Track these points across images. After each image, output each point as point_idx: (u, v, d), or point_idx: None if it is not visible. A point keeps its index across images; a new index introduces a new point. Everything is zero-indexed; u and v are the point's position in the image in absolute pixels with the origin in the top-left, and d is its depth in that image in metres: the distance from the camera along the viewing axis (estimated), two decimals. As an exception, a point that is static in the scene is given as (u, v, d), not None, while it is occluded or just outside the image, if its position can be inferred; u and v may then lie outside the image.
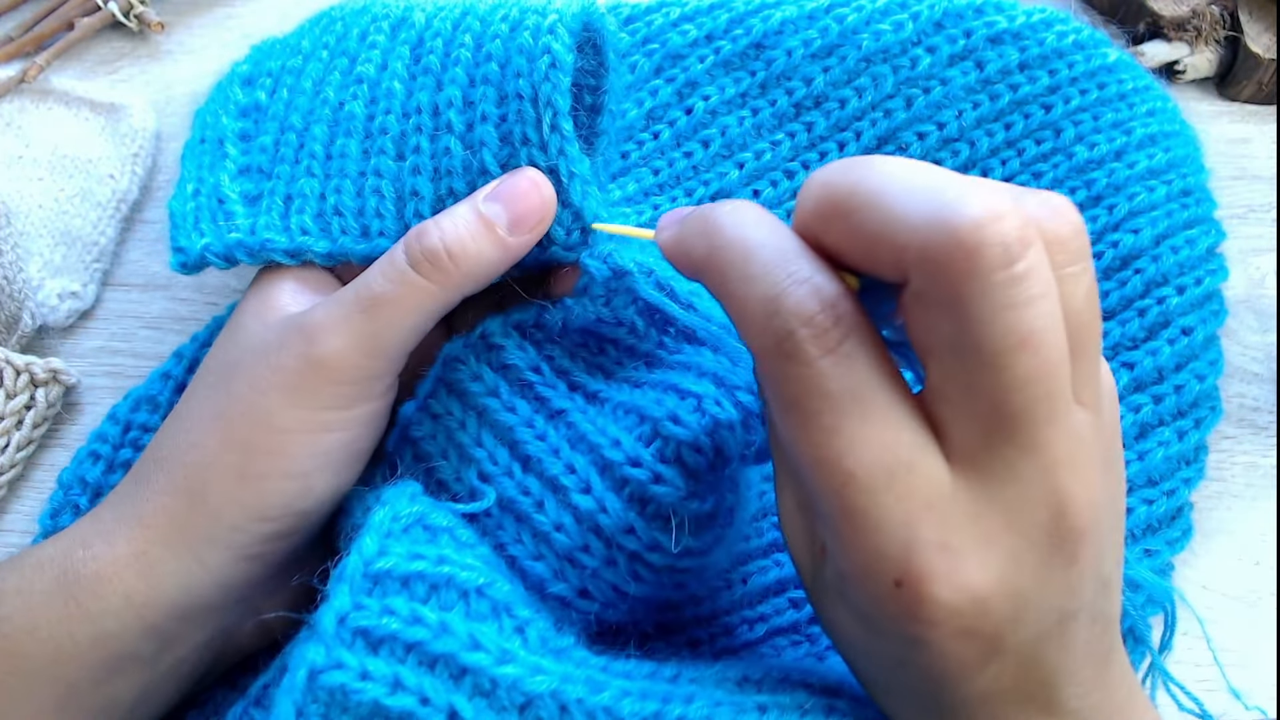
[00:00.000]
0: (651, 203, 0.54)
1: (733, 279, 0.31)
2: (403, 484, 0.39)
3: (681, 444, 0.40)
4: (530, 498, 0.41)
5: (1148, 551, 0.50)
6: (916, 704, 0.34)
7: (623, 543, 0.40)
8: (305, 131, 0.47)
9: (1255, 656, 0.51)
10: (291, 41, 0.51)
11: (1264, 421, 0.56)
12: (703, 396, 0.41)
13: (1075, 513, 0.29)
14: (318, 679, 0.32)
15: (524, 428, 0.42)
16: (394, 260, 0.40)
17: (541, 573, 0.41)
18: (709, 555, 0.42)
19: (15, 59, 0.61)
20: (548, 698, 0.34)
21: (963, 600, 0.29)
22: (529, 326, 0.44)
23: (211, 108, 0.51)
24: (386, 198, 0.45)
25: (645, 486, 0.40)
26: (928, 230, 0.27)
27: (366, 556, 0.35)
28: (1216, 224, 0.54)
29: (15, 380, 0.51)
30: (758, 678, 0.39)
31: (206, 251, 0.46)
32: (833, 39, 0.53)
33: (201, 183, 0.48)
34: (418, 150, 0.44)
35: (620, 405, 0.42)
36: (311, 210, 0.46)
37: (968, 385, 0.28)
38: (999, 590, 0.29)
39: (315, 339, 0.39)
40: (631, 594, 0.41)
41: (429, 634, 0.33)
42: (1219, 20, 0.61)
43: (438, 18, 0.46)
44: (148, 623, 0.38)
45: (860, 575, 0.30)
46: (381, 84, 0.46)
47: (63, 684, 0.38)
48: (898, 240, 0.28)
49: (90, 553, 0.39)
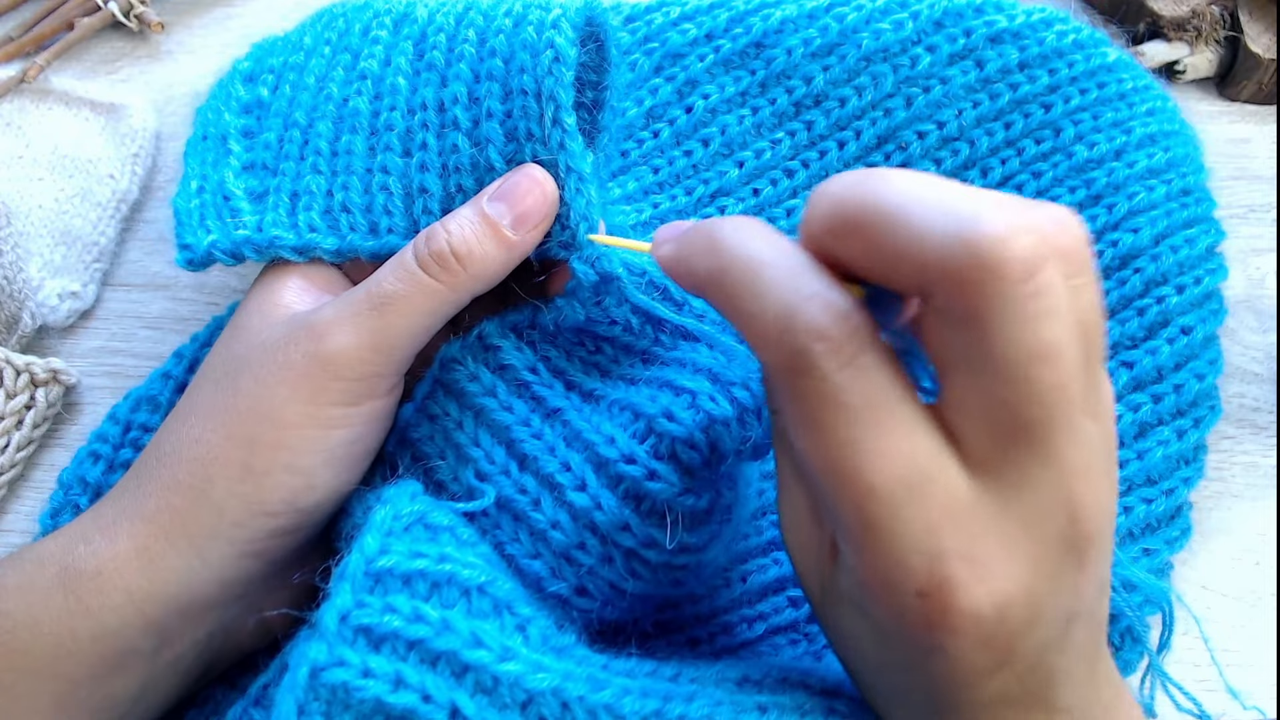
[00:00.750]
0: (651, 201, 0.54)
1: (742, 296, 0.30)
2: (403, 483, 0.39)
3: (676, 440, 0.40)
4: (527, 496, 0.42)
5: (1146, 551, 0.50)
6: (916, 710, 0.34)
7: (619, 540, 0.40)
8: (310, 128, 0.47)
9: (1255, 656, 0.51)
10: (293, 38, 0.51)
11: (1264, 421, 0.56)
12: (697, 393, 0.41)
13: (1087, 519, 0.29)
14: (319, 677, 0.32)
15: (520, 426, 0.42)
16: (404, 261, 0.41)
17: (539, 571, 0.41)
18: (706, 552, 0.42)
19: (15, 59, 0.61)
20: (549, 695, 0.34)
21: (986, 609, 0.29)
22: (524, 327, 0.44)
23: (213, 104, 0.50)
24: (394, 194, 0.45)
25: (640, 483, 0.40)
26: (949, 247, 0.27)
27: (368, 554, 0.35)
28: (1216, 223, 0.54)
29: (15, 380, 0.51)
30: (758, 677, 0.39)
31: (213, 248, 0.46)
32: (833, 38, 0.53)
33: (205, 180, 0.48)
34: (424, 147, 0.44)
35: (615, 403, 0.43)
36: (319, 207, 0.46)
37: (987, 397, 0.28)
38: (1019, 598, 0.29)
39: (324, 335, 0.40)
40: (630, 592, 0.41)
41: (431, 631, 0.33)
42: (1219, 20, 0.61)
43: (440, 13, 0.46)
44: (148, 618, 0.39)
45: (881, 586, 0.30)
46: (385, 80, 0.46)
47: (63, 681, 0.38)
48: (919, 258, 0.28)
49: (91, 548, 0.39)
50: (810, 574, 0.35)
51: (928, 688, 0.32)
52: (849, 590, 0.32)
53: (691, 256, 0.33)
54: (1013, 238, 0.27)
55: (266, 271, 0.46)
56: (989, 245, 0.27)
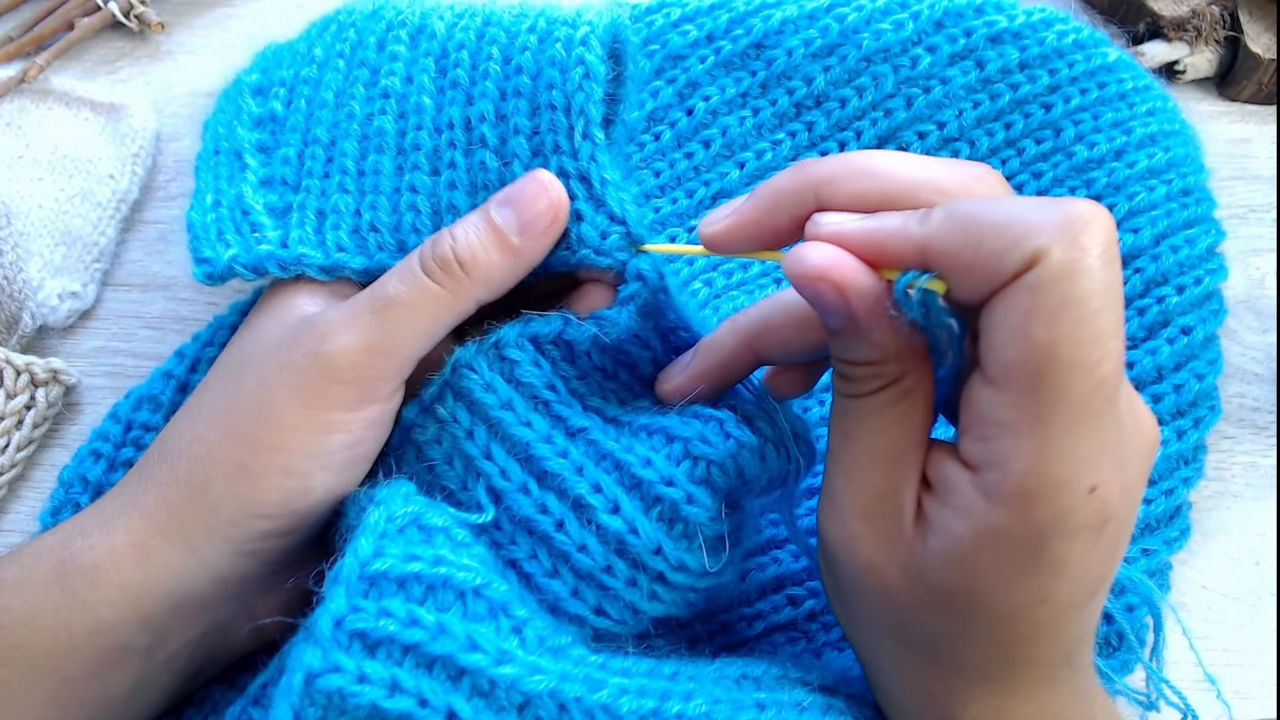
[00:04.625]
0: (653, 205, 0.54)
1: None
2: (396, 483, 0.39)
3: (711, 464, 0.40)
4: (549, 516, 0.41)
5: (1145, 551, 0.50)
6: (957, 679, 0.36)
7: (649, 563, 0.40)
8: (332, 146, 0.47)
9: (1255, 656, 0.51)
10: (300, 49, 0.51)
11: (1264, 421, 0.56)
12: (724, 420, 0.41)
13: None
14: (315, 683, 0.32)
15: (542, 443, 0.42)
16: (409, 265, 0.41)
17: (558, 591, 0.41)
18: (723, 575, 0.42)
19: (15, 59, 0.61)
20: (546, 697, 0.34)
21: (1125, 517, 0.33)
22: (547, 341, 0.43)
23: (223, 118, 0.50)
24: (423, 213, 0.45)
25: (679, 506, 0.40)
26: (1053, 213, 0.30)
27: (362, 558, 0.34)
28: (1216, 223, 0.54)
29: (15, 380, 0.51)
30: (756, 675, 0.39)
31: (234, 263, 0.46)
32: (833, 38, 0.53)
33: (221, 194, 0.48)
34: (453, 165, 0.44)
35: (644, 427, 0.42)
36: (347, 226, 0.46)
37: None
38: (1130, 520, 0.33)
39: (326, 336, 0.40)
40: (647, 613, 0.41)
41: (426, 635, 0.33)
42: (1219, 20, 0.61)
43: (458, 27, 0.46)
44: (143, 614, 0.39)
45: (1055, 487, 0.31)
46: (410, 98, 0.46)
47: (59, 676, 0.38)
48: (1029, 228, 0.30)
49: (89, 542, 0.39)
50: (875, 557, 0.35)
51: (1007, 635, 0.34)
52: (945, 545, 0.33)
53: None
54: (1099, 210, 0.30)
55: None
56: (1087, 214, 0.30)
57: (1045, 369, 0.29)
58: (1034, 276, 0.29)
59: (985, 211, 0.31)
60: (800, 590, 0.49)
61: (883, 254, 0.33)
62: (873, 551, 0.35)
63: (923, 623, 0.35)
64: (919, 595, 0.34)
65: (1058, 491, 0.30)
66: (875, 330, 0.33)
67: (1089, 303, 0.29)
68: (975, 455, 0.32)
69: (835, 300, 0.32)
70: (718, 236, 0.38)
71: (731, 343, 0.41)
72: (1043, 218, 0.30)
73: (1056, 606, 0.33)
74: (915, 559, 0.34)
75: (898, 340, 0.33)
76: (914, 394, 0.35)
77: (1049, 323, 0.29)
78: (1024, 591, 0.32)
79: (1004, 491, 0.31)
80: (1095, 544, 0.32)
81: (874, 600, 0.36)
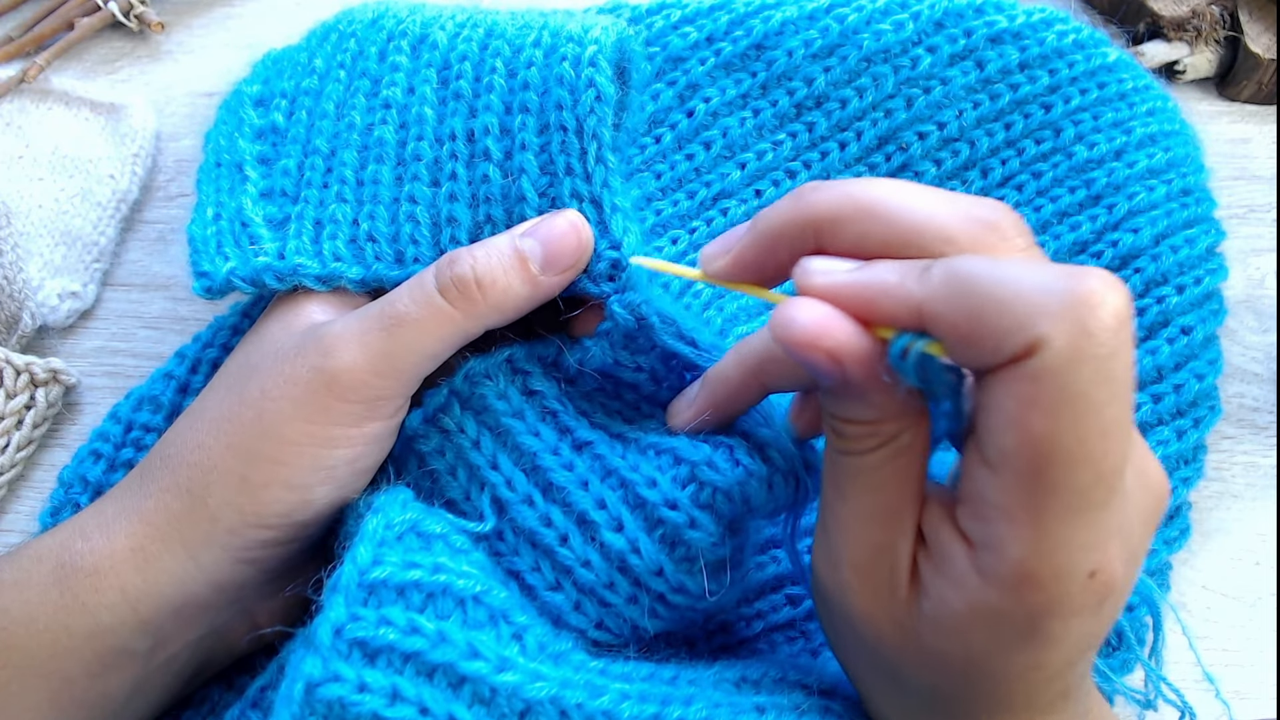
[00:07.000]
0: (654, 208, 0.54)
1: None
2: (394, 490, 0.39)
3: (717, 490, 0.40)
4: (553, 530, 0.41)
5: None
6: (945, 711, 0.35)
7: (650, 584, 0.40)
8: (332, 156, 0.47)
9: (1255, 656, 0.51)
10: (300, 58, 0.50)
11: (1264, 421, 0.56)
12: (734, 446, 0.41)
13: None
14: (315, 692, 0.32)
15: (549, 454, 0.42)
16: (423, 283, 0.40)
17: (560, 604, 0.41)
18: (723, 597, 0.42)
19: (15, 59, 0.61)
20: (547, 704, 0.34)
21: (1126, 586, 0.31)
22: (548, 362, 0.44)
23: (225, 130, 0.50)
24: (421, 224, 0.45)
25: (680, 530, 0.40)
26: (1060, 292, 0.28)
27: (361, 566, 0.34)
28: (1216, 223, 0.54)
29: (15, 380, 0.51)
30: (755, 678, 0.39)
31: (232, 275, 0.46)
32: (833, 39, 0.53)
33: (221, 206, 0.48)
34: (454, 177, 0.44)
35: (652, 446, 0.42)
36: (344, 236, 0.46)
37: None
38: (1128, 587, 0.32)
39: (331, 352, 0.39)
40: (648, 630, 0.41)
41: (426, 643, 0.33)
42: (1219, 20, 0.61)
43: (460, 38, 0.46)
44: (142, 617, 0.39)
45: (1050, 574, 0.30)
46: (411, 109, 0.46)
47: (58, 678, 0.38)
48: (1032, 310, 0.28)
49: (89, 545, 0.39)
50: (869, 609, 0.35)
51: (1003, 692, 0.33)
52: (939, 612, 0.32)
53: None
54: (1111, 289, 0.28)
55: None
56: (1097, 291, 0.27)
57: (1044, 462, 0.28)
58: (1034, 365, 0.27)
59: (988, 281, 0.28)
60: (799, 590, 0.49)
61: (877, 312, 0.31)
62: (866, 604, 0.35)
63: (916, 676, 0.35)
64: (913, 651, 0.34)
65: (1055, 580, 0.29)
66: (872, 392, 0.32)
67: (1093, 396, 0.27)
68: (972, 532, 0.31)
69: (828, 366, 0.31)
70: (718, 273, 0.37)
71: (738, 376, 0.41)
72: (1048, 298, 0.27)
73: (1052, 670, 0.33)
74: (909, 618, 0.33)
75: (895, 401, 0.32)
76: (910, 451, 0.33)
77: (1049, 415, 0.28)
78: (1018, 662, 0.32)
79: (999, 575, 0.30)
80: (1095, 617, 0.31)
81: (868, 646, 0.36)
